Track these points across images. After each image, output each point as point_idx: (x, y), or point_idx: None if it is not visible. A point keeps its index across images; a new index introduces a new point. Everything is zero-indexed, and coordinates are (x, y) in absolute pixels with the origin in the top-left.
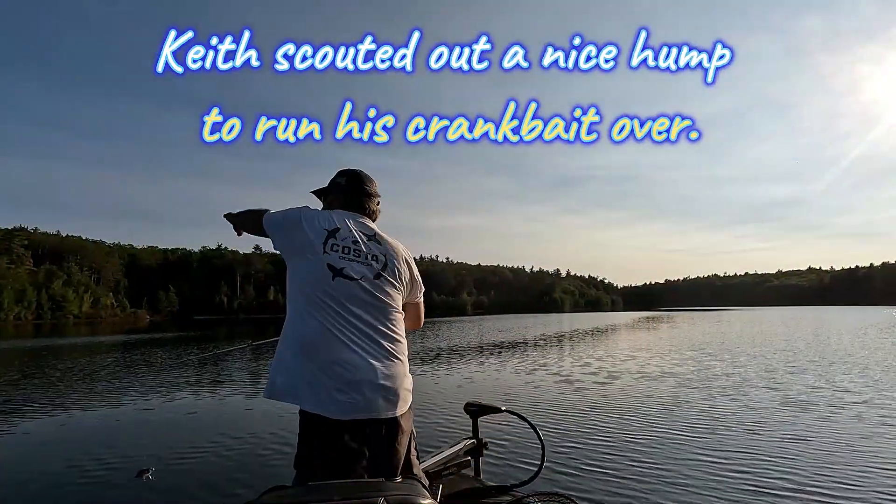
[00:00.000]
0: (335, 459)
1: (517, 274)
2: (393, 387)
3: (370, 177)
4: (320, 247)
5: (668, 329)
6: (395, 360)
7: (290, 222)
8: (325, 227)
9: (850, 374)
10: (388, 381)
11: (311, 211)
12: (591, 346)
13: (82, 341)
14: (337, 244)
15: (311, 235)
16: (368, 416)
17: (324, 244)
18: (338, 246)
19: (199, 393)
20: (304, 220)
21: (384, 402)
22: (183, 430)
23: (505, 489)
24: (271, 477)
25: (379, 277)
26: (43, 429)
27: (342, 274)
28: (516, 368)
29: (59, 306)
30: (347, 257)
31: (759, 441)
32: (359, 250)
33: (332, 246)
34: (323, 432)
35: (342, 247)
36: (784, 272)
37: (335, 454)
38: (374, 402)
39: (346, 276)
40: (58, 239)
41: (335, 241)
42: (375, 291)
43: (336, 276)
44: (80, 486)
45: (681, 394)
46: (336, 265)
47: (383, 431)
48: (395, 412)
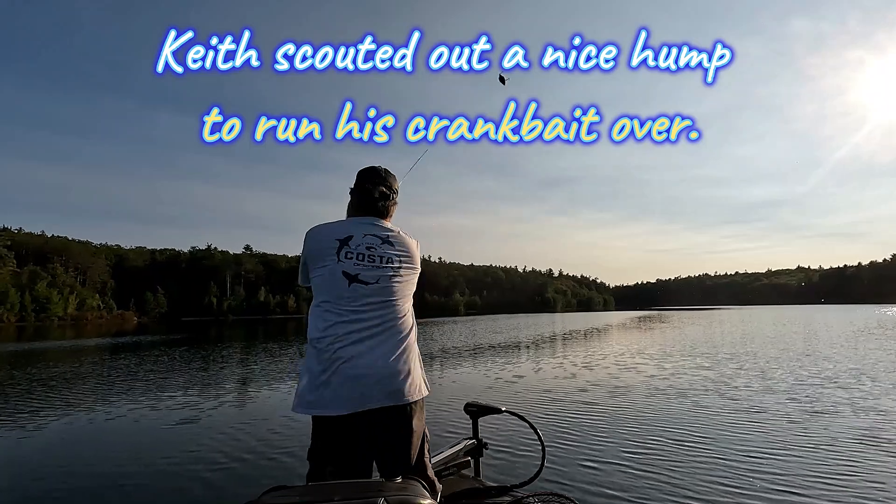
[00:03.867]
0: (344, 453)
1: (510, 274)
2: (401, 379)
3: (380, 174)
4: (334, 256)
5: (661, 328)
6: (405, 356)
7: (309, 259)
8: (337, 237)
9: (859, 376)
10: (396, 375)
11: (316, 228)
12: (587, 346)
13: (67, 345)
14: (351, 252)
15: (322, 249)
16: (374, 406)
17: (337, 253)
18: (352, 253)
19: (199, 393)
20: (310, 242)
21: (391, 393)
22: (183, 430)
23: (505, 489)
24: (271, 477)
25: (392, 279)
26: (38, 434)
27: (357, 279)
28: (515, 369)
29: (43, 308)
30: (362, 263)
31: (760, 441)
32: (373, 255)
33: (346, 254)
34: (331, 427)
35: (356, 254)
36: (773, 271)
37: (344, 448)
38: (379, 394)
39: (362, 282)
40: (42, 239)
41: (349, 249)
42: (391, 293)
43: (352, 282)
44: (79, 488)
45: (680, 393)
46: (351, 272)
47: (390, 421)
48: (402, 401)
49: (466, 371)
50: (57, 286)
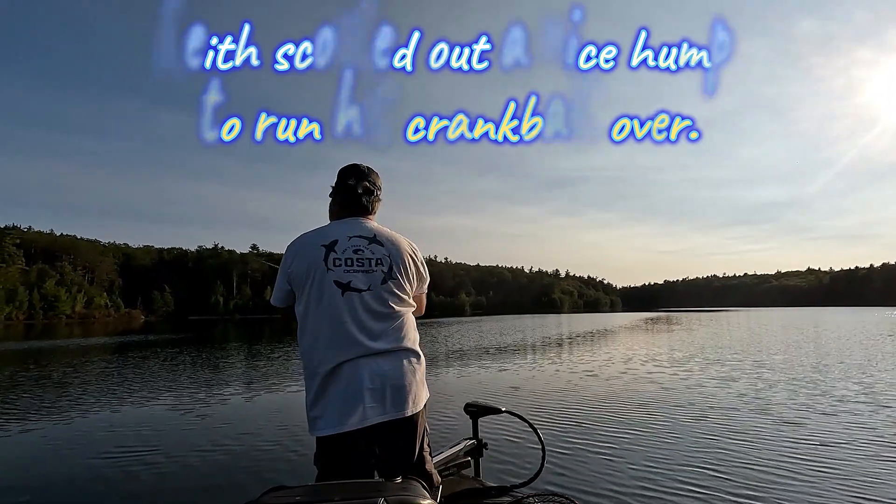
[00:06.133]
0: (349, 467)
1: (516, 274)
2: (404, 391)
3: (363, 170)
4: (322, 266)
5: (668, 330)
6: (406, 363)
7: (294, 278)
8: (322, 242)
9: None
10: (400, 388)
11: (298, 240)
12: (590, 348)
13: (73, 343)
14: (339, 258)
15: (310, 263)
16: (377, 420)
17: (325, 261)
18: (339, 260)
19: (200, 393)
20: (295, 259)
21: (394, 406)
22: (183, 430)
23: (505, 489)
24: (271, 477)
25: (386, 282)
26: (37, 433)
27: (350, 287)
28: (516, 369)
29: (51, 306)
30: (352, 269)
31: (761, 443)
32: (362, 259)
33: (335, 261)
34: (334, 445)
35: (344, 259)
36: (783, 273)
37: (349, 464)
38: (381, 408)
39: (355, 289)
40: (51, 238)
41: (336, 255)
42: (385, 298)
43: (345, 291)
44: (79, 488)
45: (682, 395)
46: (342, 280)
47: (395, 432)
48: (406, 412)
49: (467, 371)
50: (65, 284)
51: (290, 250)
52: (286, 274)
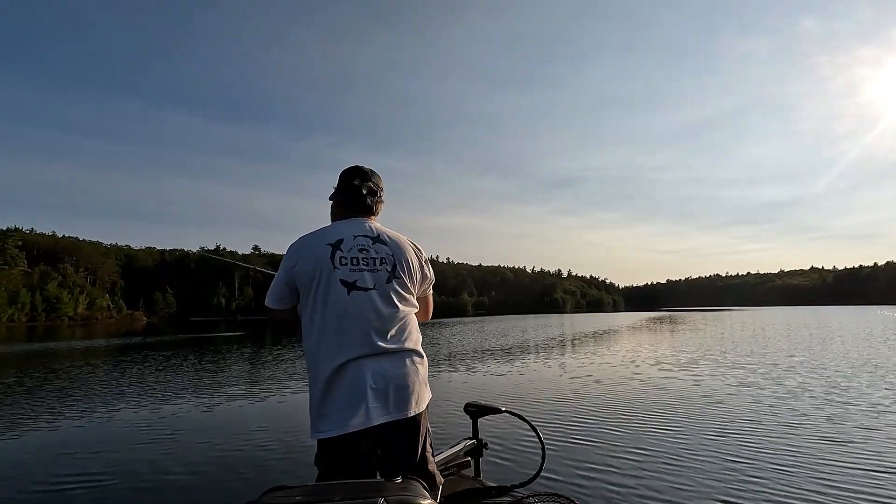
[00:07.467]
0: (349, 463)
1: (518, 274)
2: (408, 391)
3: (366, 171)
4: (329, 264)
5: (671, 330)
6: (409, 363)
7: (298, 277)
8: (328, 241)
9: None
10: (403, 388)
11: (302, 240)
12: (592, 347)
13: (76, 345)
14: (345, 256)
15: (317, 262)
16: (381, 421)
17: (331, 259)
18: (346, 258)
19: (201, 393)
20: (300, 260)
21: (397, 406)
22: (183, 430)
23: (505, 489)
24: (271, 477)
25: (391, 280)
26: (37, 435)
27: (356, 286)
28: (517, 369)
29: (53, 308)
30: (358, 268)
31: (762, 443)
32: (367, 258)
33: (341, 259)
34: (337, 446)
35: (350, 258)
36: (787, 272)
37: (352, 465)
38: (385, 409)
39: (361, 288)
40: (53, 239)
41: (342, 254)
42: (391, 297)
43: (351, 289)
44: (80, 488)
45: (683, 395)
46: (349, 279)
47: (399, 432)
48: (409, 413)
49: (467, 371)
50: (67, 286)
51: (292, 251)
52: (288, 275)
